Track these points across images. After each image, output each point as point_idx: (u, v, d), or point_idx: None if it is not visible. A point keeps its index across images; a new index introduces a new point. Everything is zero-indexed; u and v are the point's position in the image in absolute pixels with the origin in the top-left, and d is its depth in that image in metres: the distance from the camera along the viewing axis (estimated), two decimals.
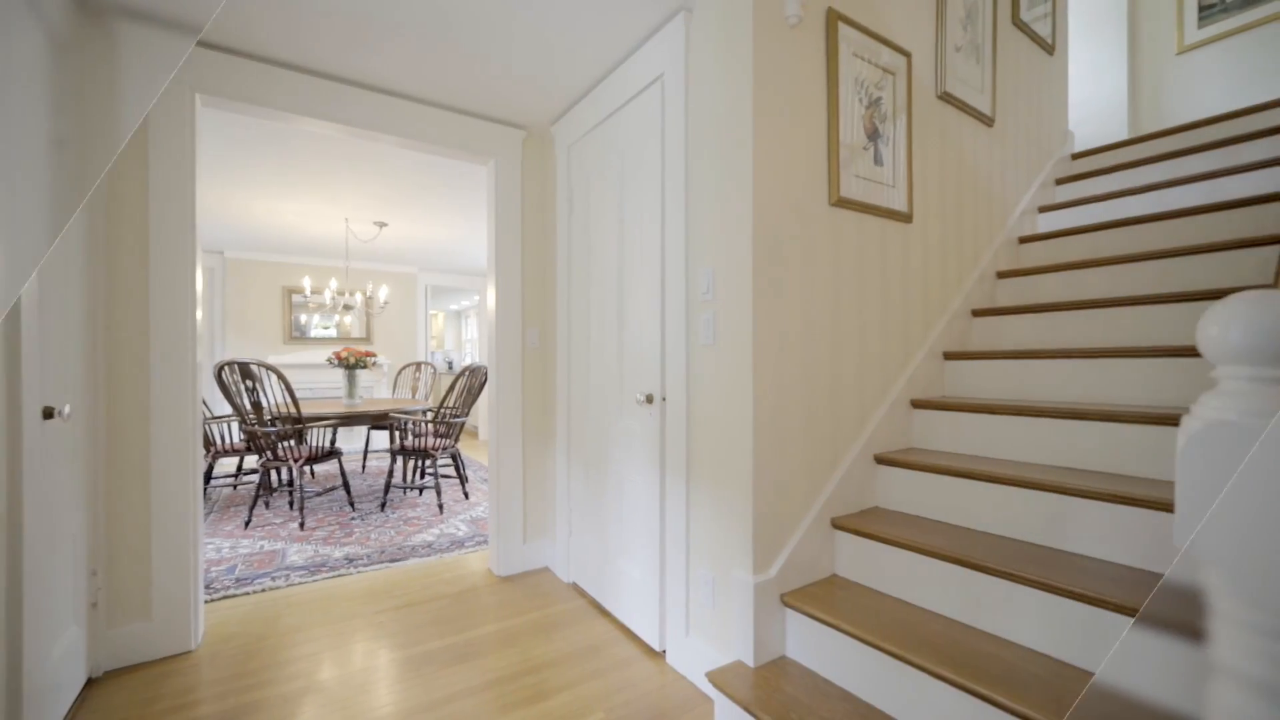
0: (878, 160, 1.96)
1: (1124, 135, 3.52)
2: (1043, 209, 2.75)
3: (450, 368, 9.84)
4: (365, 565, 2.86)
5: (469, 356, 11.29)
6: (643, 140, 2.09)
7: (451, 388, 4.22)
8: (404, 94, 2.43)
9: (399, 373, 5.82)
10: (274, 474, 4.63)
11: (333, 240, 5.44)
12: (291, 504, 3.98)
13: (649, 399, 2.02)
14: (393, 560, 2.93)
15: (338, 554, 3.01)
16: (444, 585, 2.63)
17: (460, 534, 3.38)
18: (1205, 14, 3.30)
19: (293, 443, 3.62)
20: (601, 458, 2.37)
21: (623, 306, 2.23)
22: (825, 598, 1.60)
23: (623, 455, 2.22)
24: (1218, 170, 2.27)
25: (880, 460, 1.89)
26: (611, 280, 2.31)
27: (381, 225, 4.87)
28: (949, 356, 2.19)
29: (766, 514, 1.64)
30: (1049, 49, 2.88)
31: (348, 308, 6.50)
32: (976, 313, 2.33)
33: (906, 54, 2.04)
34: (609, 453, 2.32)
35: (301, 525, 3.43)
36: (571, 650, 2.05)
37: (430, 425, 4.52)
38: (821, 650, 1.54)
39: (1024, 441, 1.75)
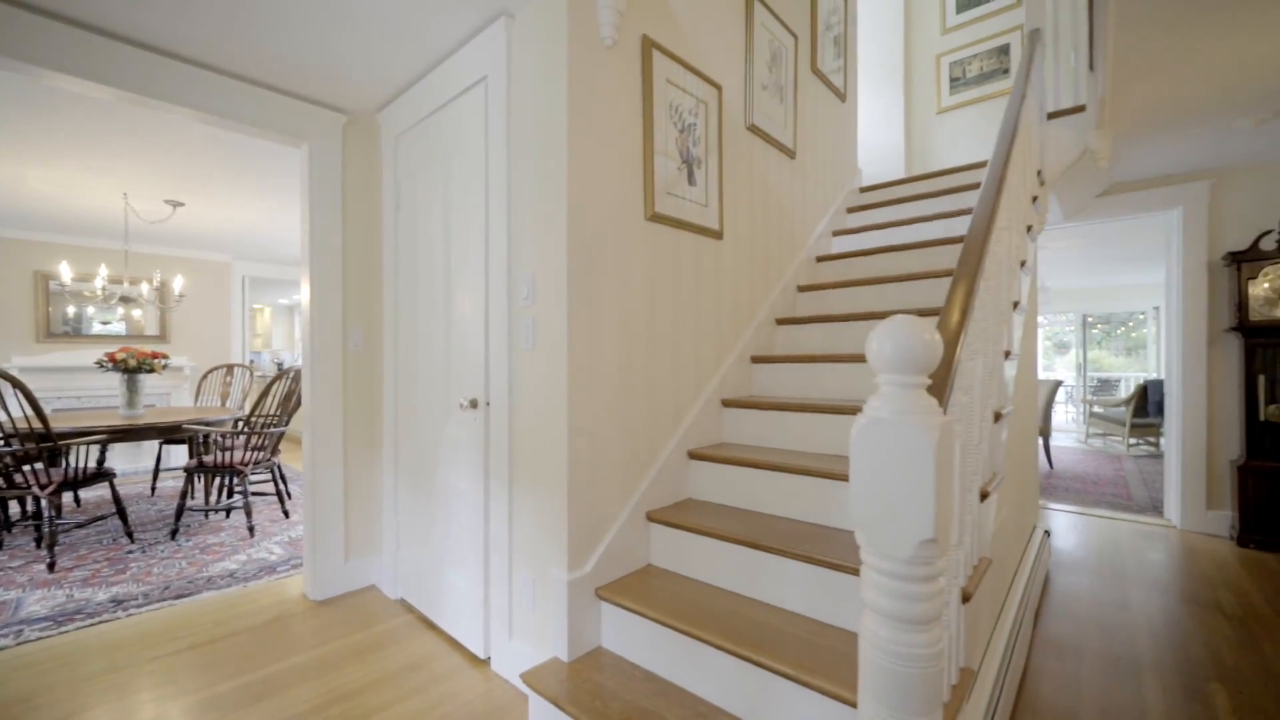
0: (691, 181, 2.14)
1: (901, 174, 4.24)
2: (836, 233, 3.20)
3: (280, 369, 8.69)
4: (140, 606, 2.43)
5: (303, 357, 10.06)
6: (468, 141, 2.05)
7: (266, 393, 3.75)
8: (199, 61, 2.11)
9: (204, 377, 5.01)
10: (13, 505, 3.73)
11: (107, 218, 4.51)
12: (40, 541, 3.23)
13: (473, 404, 1.99)
14: (180, 596, 2.53)
15: (101, 596, 2.52)
16: (245, 618, 2.33)
17: (273, 558, 3.02)
18: (954, 84, 4.10)
19: (40, 466, 2.95)
20: (429, 466, 2.28)
21: (449, 309, 2.16)
22: (638, 588, 1.71)
23: (450, 462, 2.15)
24: (949, 211, 2.84)
25: (693, 455, 2.07)
26: (438, 281, 2.23)
27: (176, 205, 4.16)
28: (755, 360, 2.46)
29: (582, 513, 1.70)
30: (842, 96, 3.36)
31: (127, 300, 5.43)
32: (780, 321, 2.64)
33: (718, 86, 2.26)
34: (437, 460, 2.23)
35: (51, 566, 2.81)
36: (391, 670, 1.94)
37: (242, 437, 3.97)
38: (632, 638, 1.64)
39: (812, 434, 2.03)
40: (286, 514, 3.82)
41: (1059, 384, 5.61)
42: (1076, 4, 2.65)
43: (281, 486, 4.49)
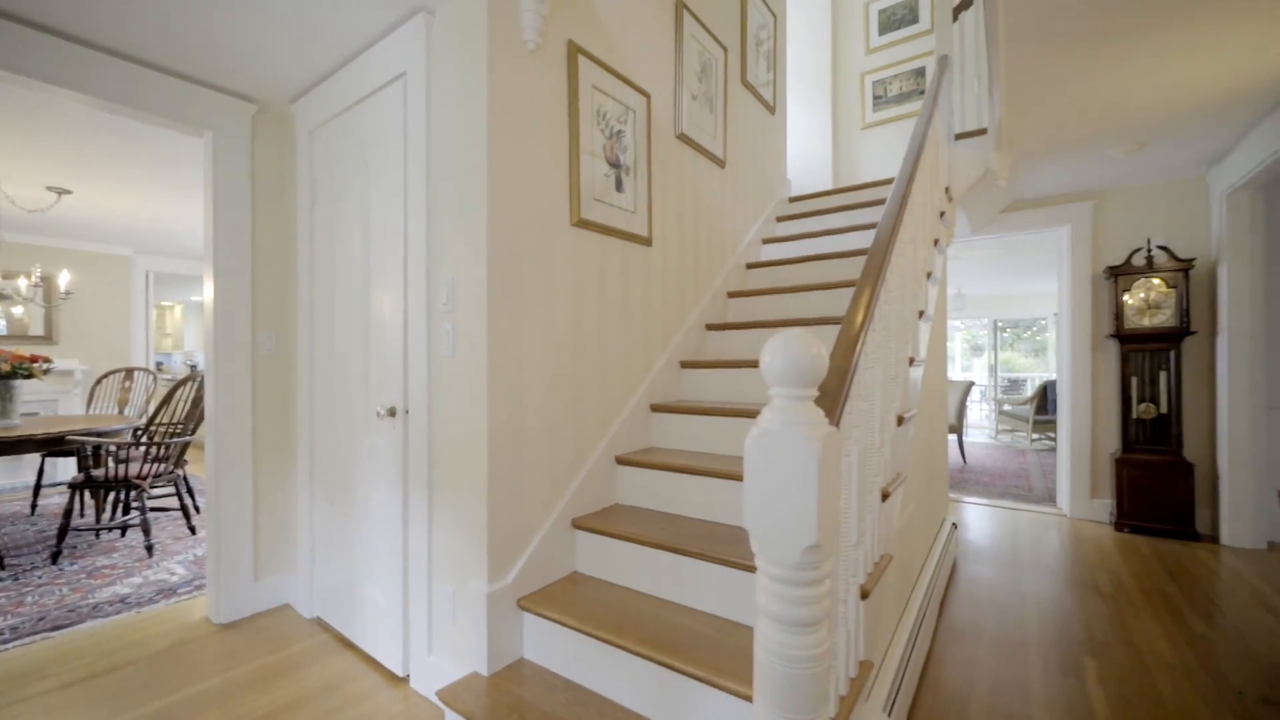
0: (619, 188, 2.15)
1: (829, 186, 4.44)
2: (766, 240, 3.31)
3: (193, 370, 8.03)
4: (6, 642, 2.18)
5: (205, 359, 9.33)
6: (387, 138, 1.97)
7: (169, 398, 3.47)
8: (80, 38, 1.92)
9: (98, 382, 4.56)
10: None
11: None
12: None
13: (391, 412, 1.92)
14: (59, 627, 2.29)
15: None
16: (136, 648, 2.14)
17: (174, 579, 2.79)
18: (877, 102, 4.34)
19: None
20: (347, 476, 2.18)
21: (368, 313, 2.08)
22: (561, 596, 1.70)
23: (368, 473, 2.06)
24: (871, 223, 3.00)
25: (621, 461, 2.08)
26: (356, 283, 2.13)
27: (61, 192, 3.77)
28: (685, 365, 2.50)
29: (504, 523, 1.68)
30: (771, 109, 3.48)
31: (1, 296, 4.87)
32: (710, 327, 2.70)
33: (646, 94, 2.28)
34: (355, 471, 2.14)
35: None
36: (303, 694, 1.84)
37: (141, 448, 3.65)
38: (553, 647, 1.63)
39: (738, 438, 2.08)
40: (193, 530, 3.54)
41: (971, 385, 6.03)
42: (979, 36, 2.87)
43: (188, 501, 4.17)
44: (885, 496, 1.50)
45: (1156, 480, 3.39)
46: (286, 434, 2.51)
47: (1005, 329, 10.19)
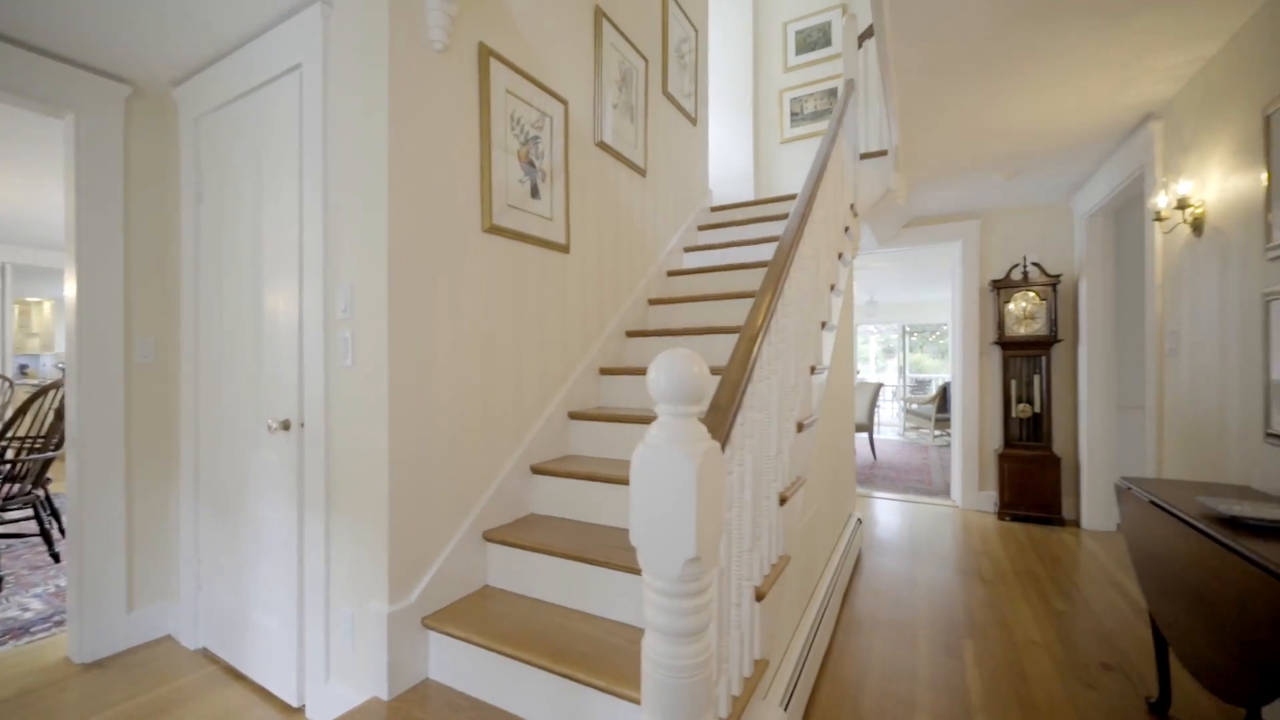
0: (535, 194, 2.13)
1: (751, 197, 4.61)
2: (688, 249, 3.39)
3: (64, 376, 7.11)
4: None
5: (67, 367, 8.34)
6: (282, 133, 1.85)
7: (25, 408, 3.08)
8: None
9: None
10: None
11: None
12: None
13: (285, 425, 1.80)
14: None
15: None
16: None
17: (28, 615, 2.47)
18: (794, 118, 4.56)
19: None
20: (237, 494, 2.02)
21: (260, 319, 1.93)
22: (469, 612, 1.66)
23: (260, 490, 1.92)
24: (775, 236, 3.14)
25: (535, 470, 2.06)
26: (248, 287, 1.98)
27: None
28: (605, 372, 2.51)
29: (407, 540, 1.62)
30: (693, 120, 3.57)
31: None
32: (630, 334, 2.73)
33: (564, 101, 2.28)
34: (245, 488, 1.98)
35: None
36: None
37: None
38: (460, 666, 1.59)
39: None
40: (56, 557, 3.15)
41: (880, 386, 6.46)
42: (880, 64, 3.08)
43: (49, 525, 3.70)
44: (784, 500, 1.58)
45: (1031, 473, 3.78)
46: (168, 448, 2.29)
47: (913, 333, 10.99)
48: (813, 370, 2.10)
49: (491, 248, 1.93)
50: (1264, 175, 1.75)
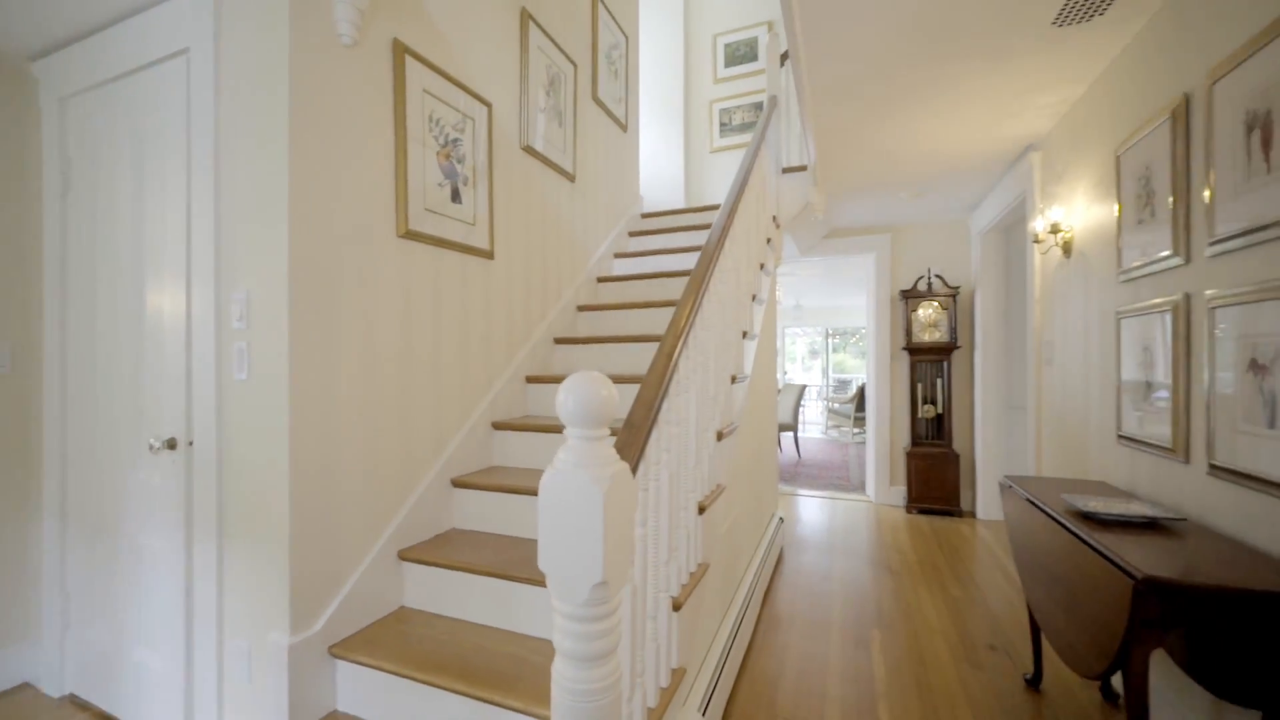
0: (457, 198, 2.06)
1: (682, 204, 4.69)
2: (618, 255, 3.40)
3: None
4: None
5: None
6: (168, 122, 1.68)
7: None
8: None
9: None
10: None
11: None
12: None
13: (171, 444, 1.64)
14: None
15: None
16: None
17: None
18: (723, 129, 4.69)
19: None
20: (113, 521, 1.82)
21: (141, 327, 1.75)
22: (383, 637, 1.59)
23: (141, 516, 1.74)
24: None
25: (457, 484, 2.00)
26: (127, 292, 1.79)
27: None
28: (531, 380, 2.48)
29: (311, 564, 1.52)
30: (624, 127, 3.59)
31: None
32: (558, 341, 2.71)
33: (487, 104, 2.22)
34: (123, 514, 1.79)
35: None
36: None
37: None
38: (370, 694, 1.51)
39: None
40: None
41: (804, 387, 6.77)
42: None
43: None
44: (703, 510, 1.63)
45: (935, 468, 4.10)
46: (28, 468, 2.02)
47: (836, 336, 11.61)
48: (734, 379, 2.17)
49: (408, 254, 1.85)
50: (1115, 208, 2.00)
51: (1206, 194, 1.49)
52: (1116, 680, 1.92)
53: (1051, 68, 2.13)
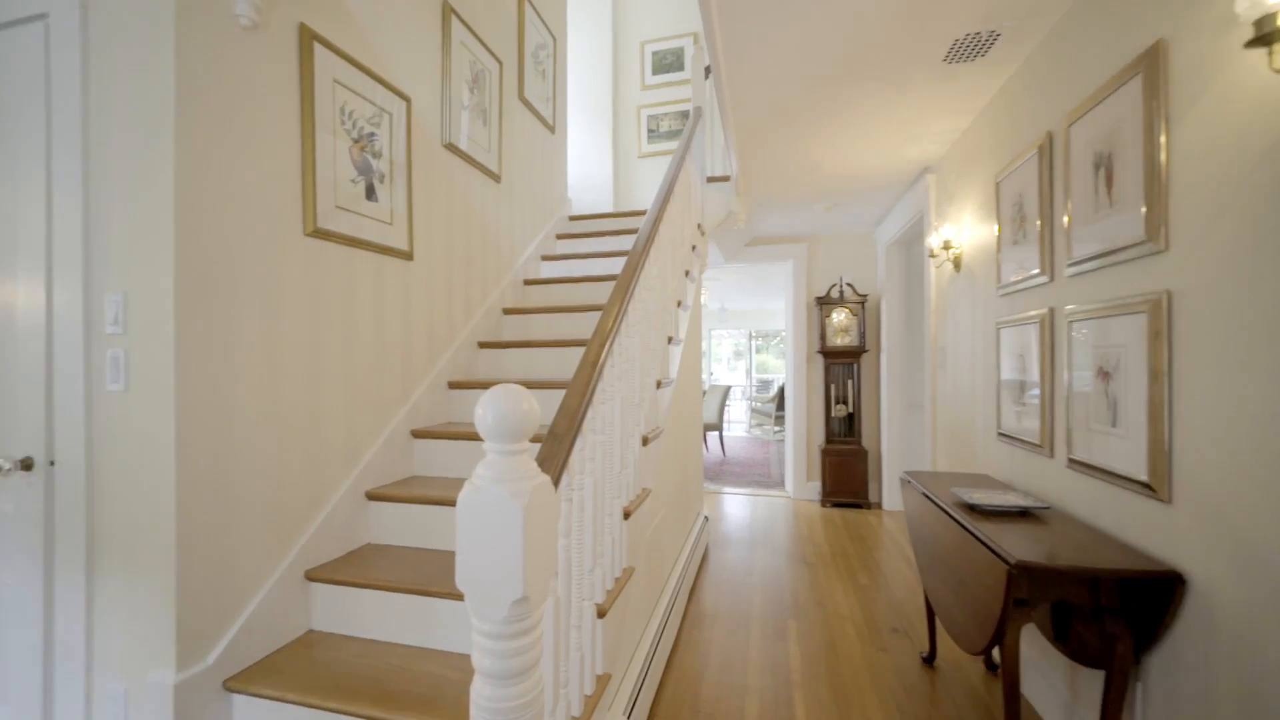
0: (372, 196, 1.96)
1: (611, 207, 4.71)
2: (545, 257, 3.36)
3: None
4: None
5: None
6: (20, 92, 1.47)
7: None
8: None
9: None
10: None
11: None
12: None
13: (27, 464, 1.44)
14: None
15: None
16: None
17: None
18: (651, 135, 4.76)
19: None
20: None
21: None
22: (287, 665, 1.48)
23: None
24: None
25: (372, 497, 1.90)
26: None
27: None
28: (454, 386, 2.40)
29: (203, 592, 1.39)
30: (551, 128, 3.56)
31: None
32: (483, 345, 2.64)
33: (406, 98, 2.13)
34: None
35: None
36: None
37: None
38: None
39: None
40: None
41: (729, 388, 7.01)
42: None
43: None
44: (628, 515, 1.65)
45: (846, 464, 4.38)
46: None
47: (759, 338, 12.10)
48: (660, 384, 2.21)
49: (317, 253, 1.74)
50: (996, 228, 2.23)
51: (1066, 220, 1.70)
52: (998, 653, 2.15)
53: (944, 99, 2.34)
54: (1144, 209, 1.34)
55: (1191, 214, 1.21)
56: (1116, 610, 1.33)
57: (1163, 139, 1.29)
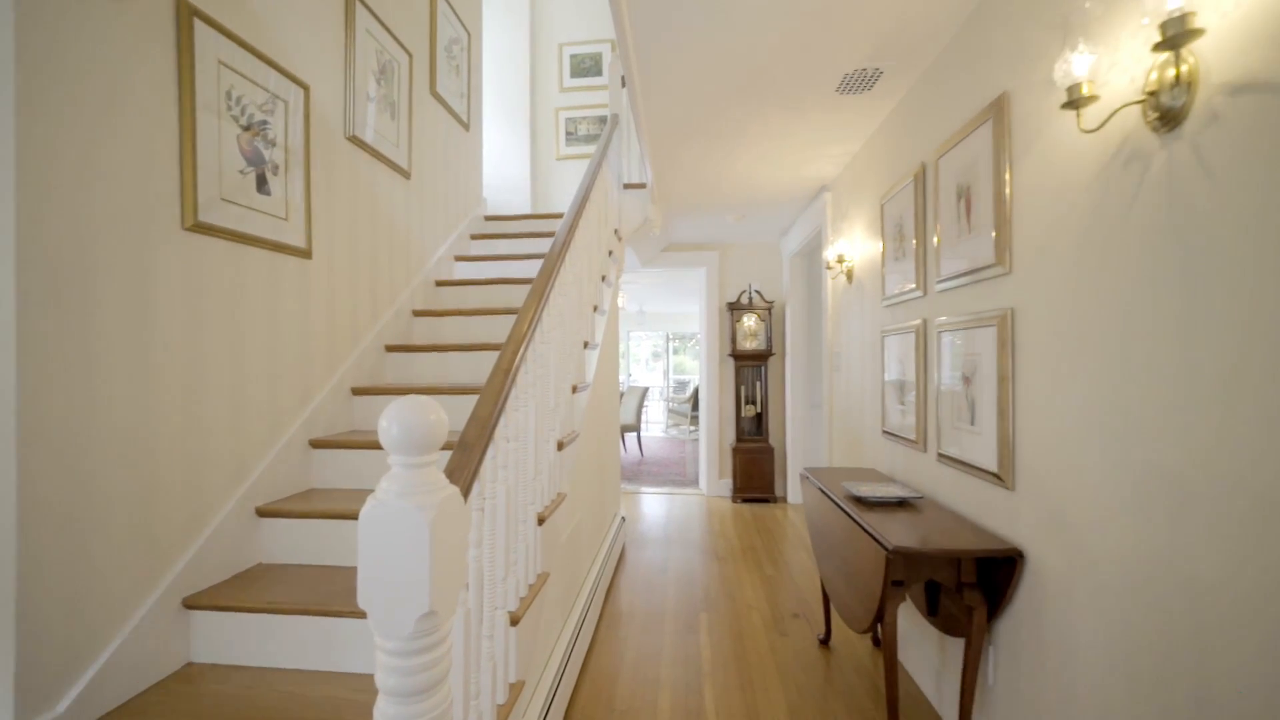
0: (263, 189, 1.82)
1: (529, 208, 4.66)
2: (459, 258, 3.27)
3: None
4: None
5: None
6: None
7: None
8: None
9: None
10: None
11: None
12: None
13: None
14: None
15: None
16: None
17: None
18: (569, 138, 4.76)
19: None
20: None
21: None
22: (158, 704, 1.34)
23: None
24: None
25: (263, 512, 1.76)
26: None
27: None
28: (358, 392, 2.27)
29: (51, 631, 1.23)
30: (466, 125, 3.46)
31: None
32: (390, 348, 2.52)
33: (304, 86, 1.99)
34: None
35: None
36: None
37: None
38: None
39: None
40: None
41: (647, 389, 7.14)
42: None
43: None
44: (542, 521, 1.66)
45: (755, 461, 4.63)
46: None
47: (676, 339, 12.41)
48: (575, 389, 2.23)
49: (198, 249, 1.59)
50: (881, 246, 2.48)
51: (936, 241, 1.93)
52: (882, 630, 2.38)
53: (837, 125, 2.56)
54: (994, 235, 1.56)
55: (1029, 243, 1.43)
56: (974, 585, 1.54)
57: (1007, 176, 1.51)
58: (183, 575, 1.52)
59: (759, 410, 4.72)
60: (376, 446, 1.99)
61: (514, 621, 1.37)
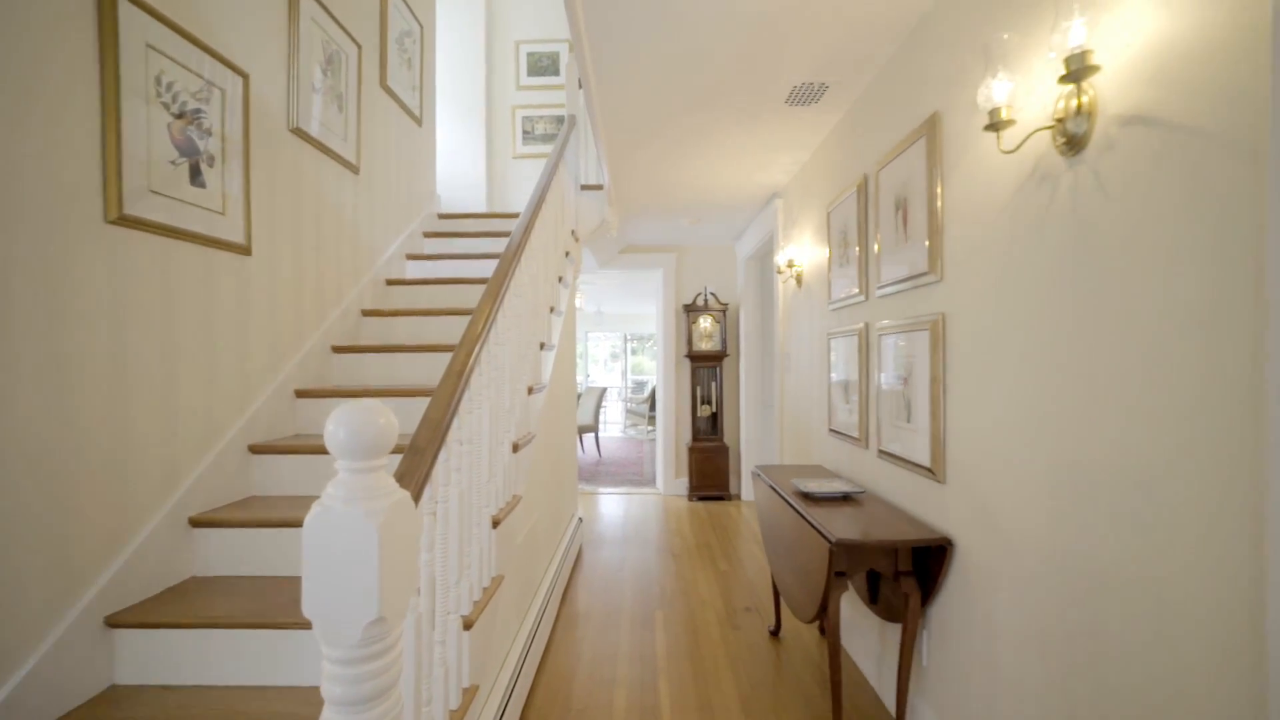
0: (197, 180, 1.73)
1: (484, 207, 4.58)
2: (411, 256, 3.19)
3: None
4: None
5: None
6: None
7: None
8: None
9: None
10: None
11: None
12: None
13: None
14: None
15: None
16: None
17: None
18: (526, 136, 4.71)
19: None
20: None
21: None
22: None
23: None
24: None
25: (197, 523, 1.67)
26: None
27: None
28: (302, 395, 2.19)
29: None
30: (418, 120, 3.38)
31: None
32: (337, 349, 2.44)
33: (243, 74, 1.91)
34: None
35: None
36: None
37: None
38: None
39: None
40: None
41: (605, 390, 7.15)
42: None
43: None
44: (497, 523, 1.65)
45: (710, 460, 4.72)
46: None
47: (634, 340, 12.46)
48: (531, 390, 2.23)
49: (123, 244, 1.50)
50: (827, 252, 2.58)
51: (877, 249, 2.03)
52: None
53: (787, 135, 2.65)
54: (927, 244, 1.66)
55: (957, 253, 1.53)
56: (910, 573, 1.63)
57: (939, 190, 1.61)
58: (105, 592, 1.43)
59: (714, 410, 4.81)
60: (322, 451, 1.93)
61: (467, 626, 1.36)
